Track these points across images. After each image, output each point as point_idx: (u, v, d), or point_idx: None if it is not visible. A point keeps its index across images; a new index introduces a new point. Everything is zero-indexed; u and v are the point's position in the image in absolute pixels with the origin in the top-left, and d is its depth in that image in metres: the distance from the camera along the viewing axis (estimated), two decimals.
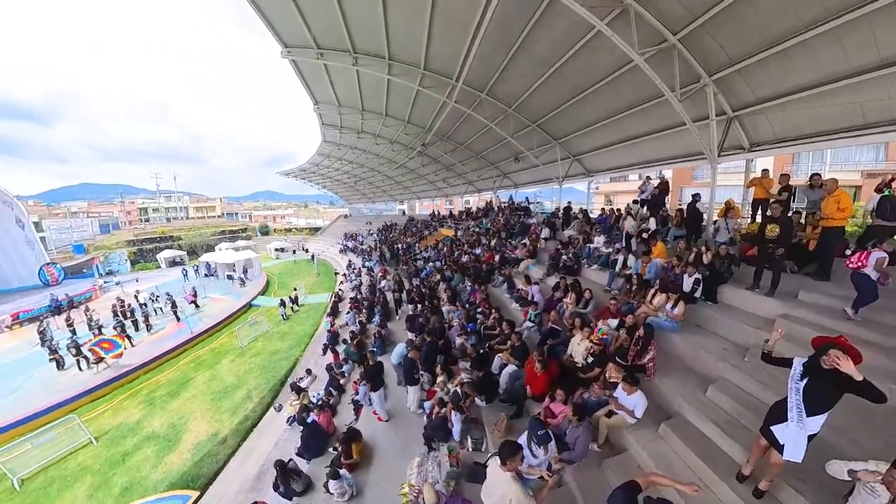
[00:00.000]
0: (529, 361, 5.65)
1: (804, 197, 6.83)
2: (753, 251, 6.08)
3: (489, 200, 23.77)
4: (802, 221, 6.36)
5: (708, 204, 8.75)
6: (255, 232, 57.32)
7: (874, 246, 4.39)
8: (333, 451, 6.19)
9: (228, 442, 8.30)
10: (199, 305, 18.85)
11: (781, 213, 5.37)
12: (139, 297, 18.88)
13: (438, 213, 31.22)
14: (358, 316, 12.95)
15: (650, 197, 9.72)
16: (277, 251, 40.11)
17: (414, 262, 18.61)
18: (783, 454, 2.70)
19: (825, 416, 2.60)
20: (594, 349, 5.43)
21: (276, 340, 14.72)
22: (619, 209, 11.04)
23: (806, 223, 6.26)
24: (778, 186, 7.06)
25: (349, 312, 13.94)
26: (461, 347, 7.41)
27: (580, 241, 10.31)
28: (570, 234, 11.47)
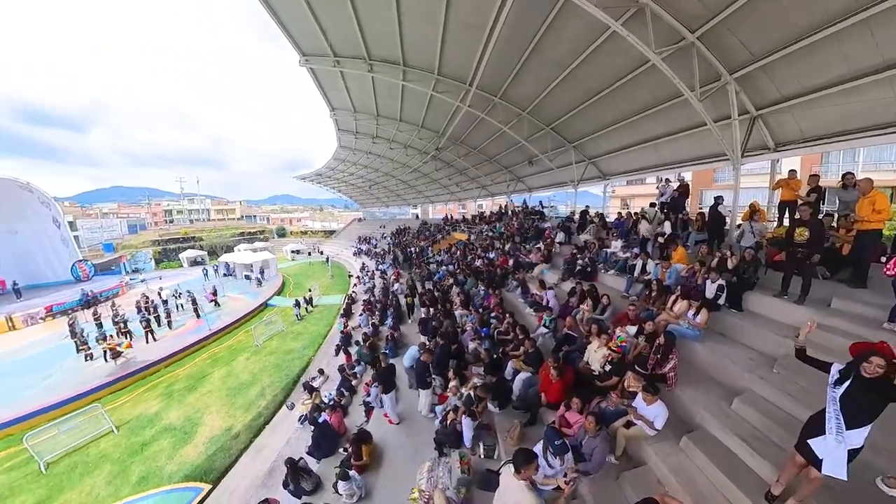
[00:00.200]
0: (544, 368, 5.50)
1: (836, 198, 6.48)
2: (781, 256, 5.79)
3: (504, 204, 23.62)
4: (834, 224, 6.02)
5: (731, 207, 8.41)
6: (272, 234, 58.92)
7: None
8: (343, 451, 6.19)
9: (241, 437, 8.45)
10: (219, 304, 19.43)
11: (811, 215, 5.09)
12: (162, 294, 19.62)
13: (451, 217, 31.25)
14: (371, 318, 13.03)
15: (670, 200, 9.43)
16: (293, 253, 41.07)
17: (427, 265, 18.64)
18: (822, 469, 2.51)
19: (867, 429, 2.40)
20: (612, 357, 5.25)
21: (290, 340, 14.98)
22: (636, 213, 10.77)
23: (838, 226, 5.93)
24: (806, 188, 6.72)
25: (362, 314, 14.05)
26: (474, 352, 7.32)
27: (596, 245, 10.09)
28: (585, 238, 11.25)
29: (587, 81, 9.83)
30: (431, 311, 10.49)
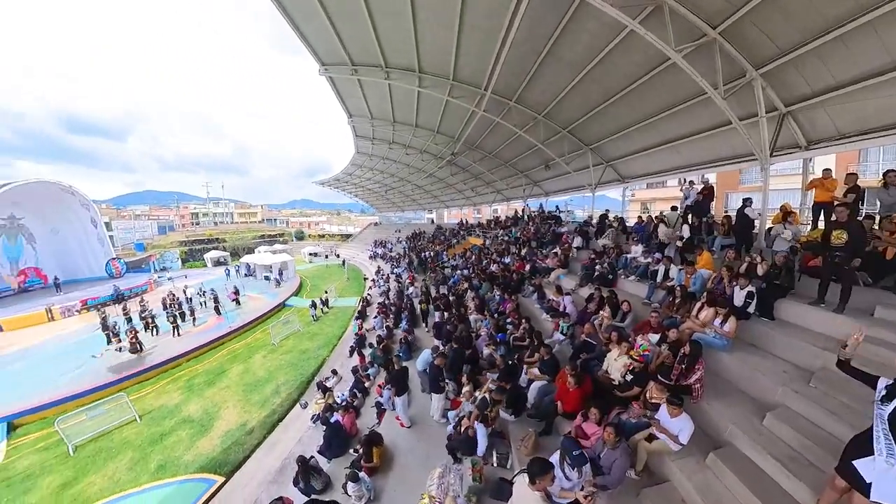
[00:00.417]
0: (561, 376, 5.31)
1: (876, 199, 6.01)
2: (816, 261, 5.41)
3: (520, 209, 23.37)
4: (876, 227, 5.57)
5: (759, 209, 7.96)
6: (291, 237, 60.54)
7: None
8: (354, 452, 6.19)
9: (255, 433, 8.62)
10: (240, 303, 20.11)
11: (849, 217, 4.74)
12: (187, 291, 20.46)
13: (466, 221, 31.19)
14: (385, 321, 13.10)
15: (694, 203, 9.04)
16: (311, 255, 42.01)
17: (442, 269, 18.63)
18: (870, 495, 2.27)
19: None
20: (634, 366, 5.02)
21: (305, 340, 15.25)
22: (657, 216, 10.39)
23: (881, 228, 5.48)
24: (843, 188, 6.26)
25: (377, 317, 14.15)
26: (489, 358, 7.19)
27: (614, 250, 9.78)
28: (604, 243, 10.94)
29: (604, 82, 9.63)
30: (446, 315, 10.43)
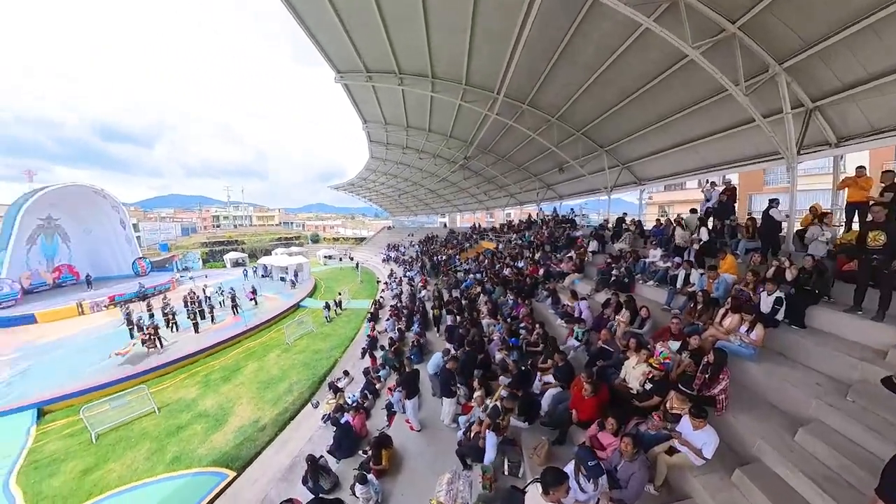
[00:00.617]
0: (576, 383, 5.12)
1: None
2: (851, 265, 5.07)
3: (536, 213, 23.09)
4: None
5: (787, 210, 7.55)
6: (306, 240, 61.99)
7: None
8: (363, 454, 6.16)
9: (267, 430, 8.76)
10: (257, 303, 20.65)
11: (887, 217, 4.44)
12: (206, 290, 21.16)
13: (479, 225, 31.07)
14: (397, 323, 13.11)
15: (717, 205, 8.67)
16: (326, 258, 42.89)
17: (454, 273, 18.57)
18: None
19: None
20: (654, 374, 4.79)
21: (319, 340, 15.45)
22: (675, 219, 10.04)
23: None
24: (879, 186, 5.85)
25: (389, 319, 14.19)
26: (501, 363, 7.05)
27: (632, 255, 9.49)
28: (621, 247, 10.63)
29: (619, 83, 9.43)
30: (458, 318, 10.34)
